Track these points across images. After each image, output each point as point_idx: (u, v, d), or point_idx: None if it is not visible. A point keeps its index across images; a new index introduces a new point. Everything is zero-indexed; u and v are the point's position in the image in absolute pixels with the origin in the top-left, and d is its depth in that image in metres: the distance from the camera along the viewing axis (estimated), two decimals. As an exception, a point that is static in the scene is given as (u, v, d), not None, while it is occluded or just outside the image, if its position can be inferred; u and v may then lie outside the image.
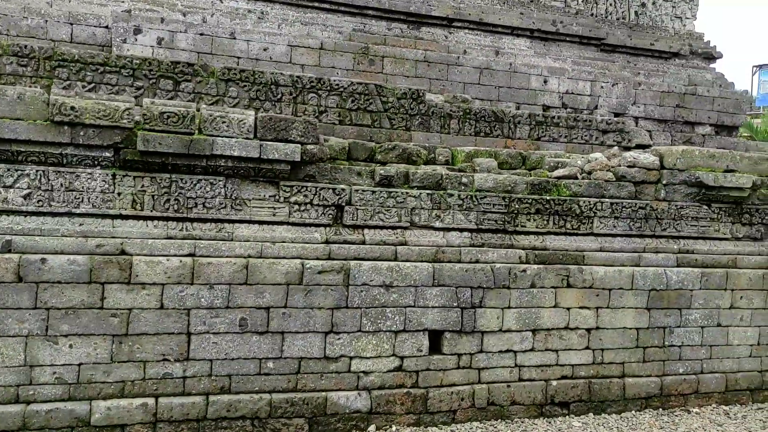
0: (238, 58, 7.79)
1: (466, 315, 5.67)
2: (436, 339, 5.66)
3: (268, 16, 8.10)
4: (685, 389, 6.35)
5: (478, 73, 8.72)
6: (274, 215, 5.40)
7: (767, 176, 7.10)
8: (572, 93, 9.16)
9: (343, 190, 5.55)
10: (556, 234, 6.24)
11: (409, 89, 7.79)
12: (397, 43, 8.54)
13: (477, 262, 5.80)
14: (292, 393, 5.18)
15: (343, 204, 5.56)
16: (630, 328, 6.20)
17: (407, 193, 5.75)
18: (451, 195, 5.88)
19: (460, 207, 5.90)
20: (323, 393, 5.25)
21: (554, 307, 5.95)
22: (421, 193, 5.79)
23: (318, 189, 5.49)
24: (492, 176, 6.12)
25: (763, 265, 6.78)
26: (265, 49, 7.90)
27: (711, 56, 10.61)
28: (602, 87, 9.21)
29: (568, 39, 9.54)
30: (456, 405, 5.60)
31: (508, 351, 5.81)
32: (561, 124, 8.39)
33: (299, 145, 5.35)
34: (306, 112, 7.37)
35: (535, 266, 5.89)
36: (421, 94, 7.86)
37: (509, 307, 5.80)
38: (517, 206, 6.07)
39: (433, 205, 5.82)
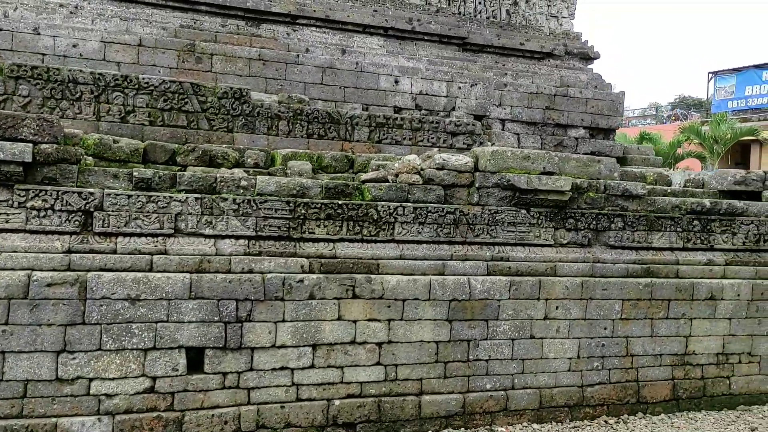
0: (43, 55, 7.40)
1: (231, 330, 5.32)
2: (197, 357, 5.30)
3: (82, 10, 7.74)
4: (492, 407, 6.07)
5: (320, 73, 8.44)
6: (6, 222, 5.01)
7: (597, 179, 6.91)
8: (427, 94, 8.93)
9: (91, 194, 5.18)
10: (351, 241, 5.94)
11: (231, 88, 7.48)
12: (229, 41, 8.23)
13: (250, 272, 5.47)
14: (14, 420, 4.78)
15: (92, 209, 5.19)
16: (428, 342, 5.91)
17: (171, 197, 5.40)
18: (225, 199, 5.55)
19: (235, 212, 5.56)
20: (54, 419, 4.85)
21: (338, 319, 5.64)
22: (188, 197, 5.45)
23: (60, 193, 5.12)
24: (275, 179, 5.81)
25: (586, 273, 6.56)
26: (74, 46, 7.53)
27: (587, 56, 10.47)
28: (460, 88, 9.00)
29: (426, 38, 9.32)
30: (218, 429, 5.24)
31: (283, 369, 5.48)
32: (405, 126, 8.15)
33: (31, 145, 4.97)
34: (110, 113, 7.03)
35: (315, 276, 5.58)
36: (244, 94, 7.55)
37: (284, 321, 5.48)
38: (304, 211, 5.76)
39: (204, 210, 5.48)
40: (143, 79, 7.10)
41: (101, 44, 7.58)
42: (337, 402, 5.61)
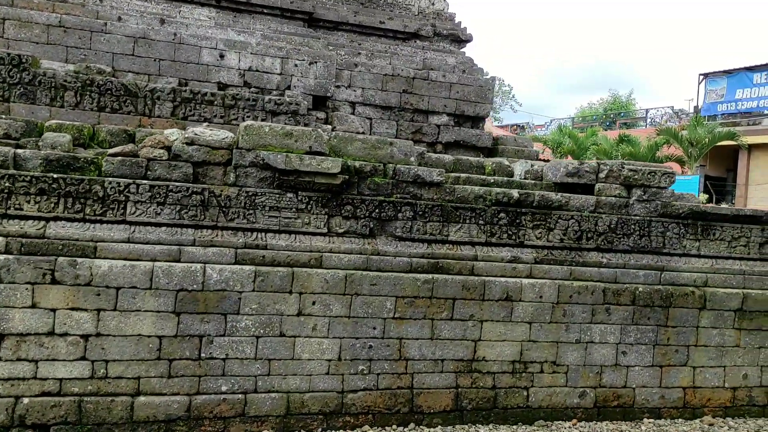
0: None
1: None
2: None
3: None
4: (226, 411, 5.52)
5: (132, 43, 7.91)
6: None
7: (388, 163, 6.33)
8: (257, 71, 8.38)
9: None
10: (71, 220, 5.41)
11: (8, 54, 7.00)
12: (28, 5, 7.72)
13: (-72, 249, 4.93)
14: None
15: None
16: (149, 336, 5.37)
17: None
18: None
19: None
20: None
21: (32, 307, 5.12)
22: None
23: None
24: (-25, 147, 5.27)
25: (359, 266, 5.99)
26: None
27: (459, 38, 9.88)
28: (296, 65, 8.43)
29: (266, 11, 8.78)
30: None
31: (-41, 360, 4.94)
32: (216, 102, 7.63)
33: None
34: None
35: (2, 257, 5.04)
36: (24, 60, 7.05)
37: (-39, 306, 4.93)
38: (8, 184, 5.24)
39: None
40: None
41: None
42: (26, 400, 5.08)
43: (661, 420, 6.71)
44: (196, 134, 5.85)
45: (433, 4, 9.85)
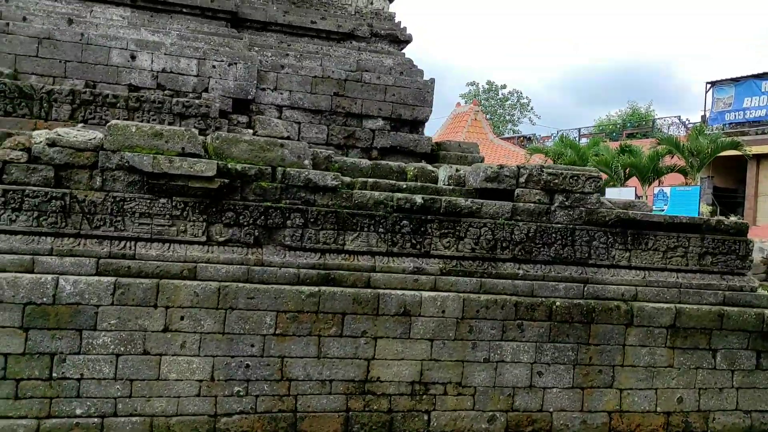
0: None
1: None
2: None
3: None
4: (82, 437, 5.09)
5: (36, 44, 7.62)
6: None
7: (278, 166, 5.94)
8: (172, 72, 8.04)
9: None
10: None
11: None
12: (-76, 3, 7.47)
13: None
14: None
15: None
16: (-8, 354, 4.97)
17: None
18: None
19: None
20: None
21: None
22: None
23: None
24: None
25: (238, 277, 5.59)
26: None
27: (397, 39, 9.49)
28: (214, 67, 8.08)
29: (185, 11, 8.45)
30: None
31: None
32: (119, 104, 7.29)
33: None
34: None
35: None
36: None
37: None
38: None
39: None
40: None
41: None
42: None
43: (582, 447, 6.19)
44: (59, 135, 5.49)
45: (371, 3, 9.47)
